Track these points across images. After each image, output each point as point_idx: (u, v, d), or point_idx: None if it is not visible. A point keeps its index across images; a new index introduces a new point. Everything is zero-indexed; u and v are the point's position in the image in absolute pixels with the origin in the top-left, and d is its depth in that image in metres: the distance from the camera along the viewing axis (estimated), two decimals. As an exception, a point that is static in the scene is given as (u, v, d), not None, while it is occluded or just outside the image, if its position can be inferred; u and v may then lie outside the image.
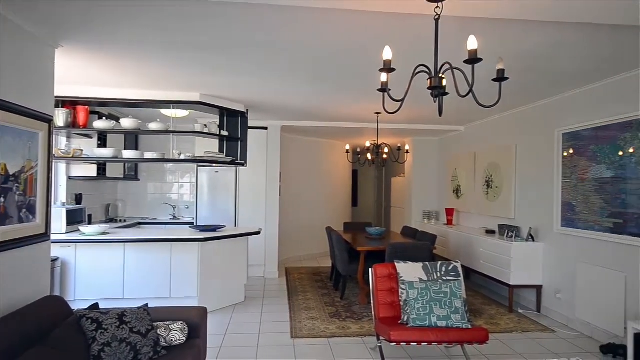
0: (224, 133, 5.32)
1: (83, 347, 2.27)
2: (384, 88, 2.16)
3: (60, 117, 4.41)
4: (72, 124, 4.60)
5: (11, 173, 2.54)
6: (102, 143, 5.43)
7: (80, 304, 3.90)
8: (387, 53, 2.07)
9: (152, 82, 4.27)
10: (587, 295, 4.08)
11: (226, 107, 5.07)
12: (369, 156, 6.41)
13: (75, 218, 4.67)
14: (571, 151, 4.39)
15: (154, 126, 4.75)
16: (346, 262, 5.24)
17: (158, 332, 2.58)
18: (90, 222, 5.42)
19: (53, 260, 4.06)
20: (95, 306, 2.66)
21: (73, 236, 4.36)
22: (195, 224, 6.18)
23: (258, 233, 5.32)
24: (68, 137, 5.15)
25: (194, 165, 6.40)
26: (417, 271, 3.54)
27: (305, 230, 8.15)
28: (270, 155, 6.65)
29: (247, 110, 5.49)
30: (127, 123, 4.71)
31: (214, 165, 5.78)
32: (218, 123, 5.35)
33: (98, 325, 2.35)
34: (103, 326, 2.36)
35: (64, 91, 4.39)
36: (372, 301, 3.56)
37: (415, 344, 3.06)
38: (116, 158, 4.76)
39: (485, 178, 6.14)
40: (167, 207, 6.85)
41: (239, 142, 5.51)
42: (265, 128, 6.63)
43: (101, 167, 5.51)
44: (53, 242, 3.27)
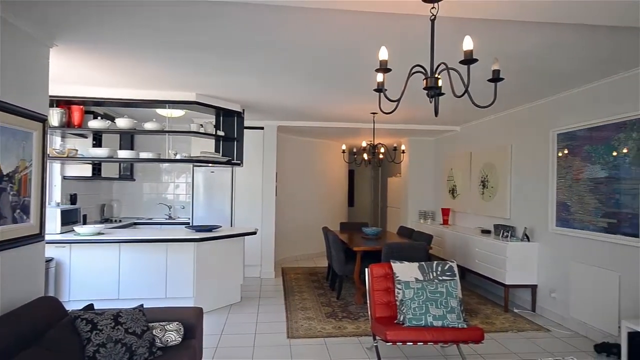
0: (220, 133, 5.31)
1: (78, 348, 2.25)
2: (380, 88, 2.16)
3: (54, 117, 4.38)
4: (67, 124, 4.57)
5: (5, 173, 2.52)
6: (97, 143, 5.40)
7: (75, 305, 3.88)
8: (383, 53, 2.08)
9: (148, 82, 4.25)
10: (582, 294, 4.11)
11: (222, 107, 5.06)
12: (365, 156, 6.42)
13: (70, 218, 4.65)
14: (566, 151, 4.42)
15: (150, 126, 4.73)
16: (342, 262, 5.24)
17: (153, 333, 2.57)
18: (85, 223, 5.40)
19: (47, 260, 4.03)
20: (90, 307, 2.65)
21: (68, 236, 4.34)
22: (191, 224, 6.17)
23: (254, 233, 5.32)
24: (63, 137, 5.12)
25: (190, 165, 6.38)
26: (413, 271, 3.55)
27: (301, 230, 8.15)
28: (266, 155, 6.64)
29: (243, 110, 5.48)
30: (123, 123, 4.69)
31: (210, 165, 5.76)
32: (214, 123, 5.34)
33: (93, 326, 2.34)
34: (98, 327, 2.34)
35: (59, 90, 4.36)
36: (368, 301, 3.56)
37: (411, 344, 3.06)
38: (111, 158, 4.74)
39: (480, 178, 6.16)
40: (163, 207, 6.82)
41: (235, 142, 5.50)
42: (261, 128, 6.63)
43: (96, 167, 5.49)
44: (47, 243, 3.25)
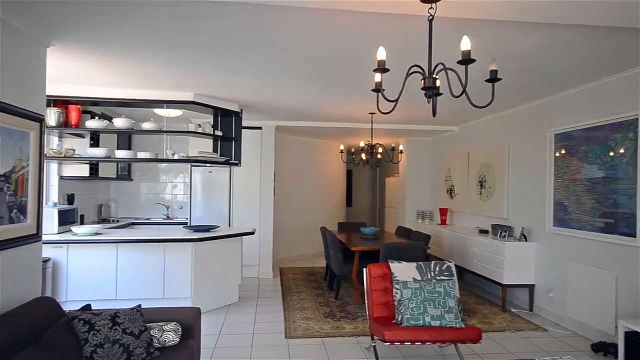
0: (218, 133, 5.30)
1: (75, 349, 2.25)
2: (378, 88, 2.16)
3: (51, 117, 4.37)
4: (64, 124, 4.56)
5: (2, 173, 2.51)
6: (95, 143, 5.39)
7: (72, 305, 3.87)
8: (381, 53, 2.08)
9: (145, 82, 4.24)
10: (579, 294, 4.12)
11: (220, 107, 5.06)
12: (363, 156, 6.43)
13: (67, 218, 4.63)
14: (563, 151, 4.43)
15: (147, 126, 4.72)
16: (340, 262, 5.24)
17: (151, 333, 2.57)
18: (82, 223, 5.38)
19: (44, 260, 4.02)
20: (87, 307, 2.64)
21: (65, 236, 4.32)
22: (188, 224, 6.15)
23: (252, 233, 5.31)
24: (60, 137, 5.10)
25: (188, 165, 6.37)
26: (411, 271, 3.55)
27: (299, 230, 8.14)
28: (264, 155, 6.64)
29: (241, 110, 5.47)
30: (120, 123, 4.68)
31: (208, 165, 5.75)
32: (212, 123, 5.33)
33: (90, 326, 2.33)
34: (95, 327, 2.34)
35: (56, 90, 4.35)
36: (366, 301, 3.57)
37: (409, 344, 3.07)
38: (109, 158, 4.73)
39: (478, 178, 6.18)
40: (161, 207, 6.81)
41: (233, 142, 5.49)
42: (259, 128, 6.62)
43: (94, 167, 5.47)
44: (44, 243, 3.24)
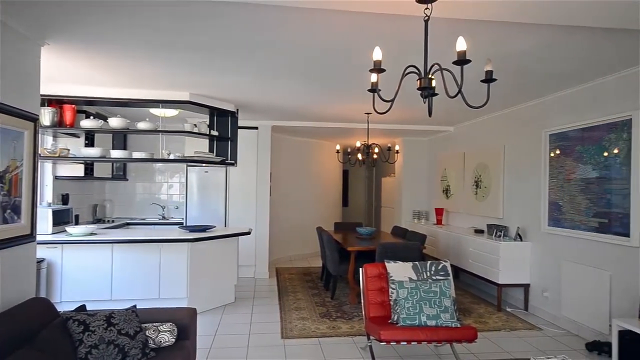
0: (214, 133, 5.29)
1: (70, 350, 2.23)
2: (374, 88, 2.17)
3: (46, 116, 4.34)
4: (59, 123, 4.53)
5: (-5, 173, 2.49)
6: (90, 142, 5.36)
7: (66, 306, 3.84)
8: (377, 53, 2.08)
9: (141, 81, 4.22)
10: (573, 293, 4.15)
11: (216, 107, 5.04)
12: (360, 156, 6.43)
13: (61, 218, 4.60)
14: (558, 152, 4.46)
15: (143, 125, 4.70)
16: (336, 262, 5.24)
17: (146, 334, 2.56)
18: (77, 223, 5.35)
19: (39, 261, 3.99)
20: (82, 308, 2.63)
21: (59, 237, 4.30)
22: (184, 224, 6.14)
23: (248, 233, 5.30)
24: (54, 137, 5.07)
25: (184, 165, 6.35)
26: (407, 271, 3.56)
27: (295, 230, 8.14)
28: (260, 155, 6.63)
29: (238, 110, 5.46)
30: (115, 122, 4.65)
31: (204, 165, 5.73)
32: (208, 123, 5.32)
33: (85, 327, 2.32)
34: (90, 328, 2.32)
35: (50, 89, 4.32)
36: (363, 301, 3.57)
37: (405, 343, 3.07)
38: (104, 158, 4.70)
39: (474, 178, 6.20)
40: (156, 208, 6.78)
41: (229, 142, 5.48)
42: (255, 128, 6.61)
43: (88, 167, 5.44)
44: (39, 243, 3.22)
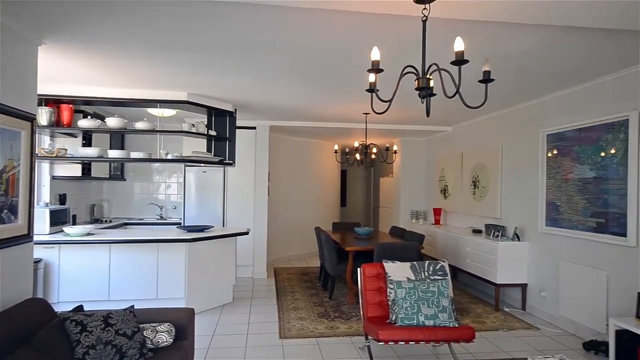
0: (212, 133, 5.28)
1: (67, 350, 2.23)
2: (372, 88, 2.17)
3: (43, 116, 4.33)
4: (56, 123, 4.51)
5: (-8, 173, 2.48)
6: (87, 142, 5.34)
7: (64, 306, 3.83)
8: (375, 54, 2.08)
9: (139, 81, 4.21)
10: (571, 293, 4.16)
11: (214, 107, 5.04)
12: (358, 156, 6.43)
13: (59, 218, 4.59)
14: (555, 152, 4.47)
15: (141, 125, 4.69)
16: (335, 262, 5.24)
17: (144, 334, 2.55)
18: (74, 223, 5.33)
19: (36, 261, 3.98)
20: (79, 308, 2.62)
21: (57, 237, 4.28)
22: (182, 225, 6.13)
23: (246, 233, 5.30)
24: (52, 136, 5.05)
25: (182, 165, 6.34)
26: (405, 271, 3.56)
27: (294, 230, 8.14)
28: (258, 155, 6.62)
29: (236, 109, 5.46)
30: (113, 122, 4.64)
31: (202, 165, 5.73)
32: (206, 122, 5.31)
33: (82, 327, 2.31)
34: (87, 328, 2.32)
35: (48, 89, 4.31)
36: (361, 301, 3.57)
37: (403, 343, 3.08)
38: (101, 158, 4.69)
39: (472, 178, 6.21)
40: (154, 208, 6.77)
41: (227, 142, 5.47)
42: (253, 128, 6.61)
43: (86, 167, 5.42)
44: (36, 243, 3.21)
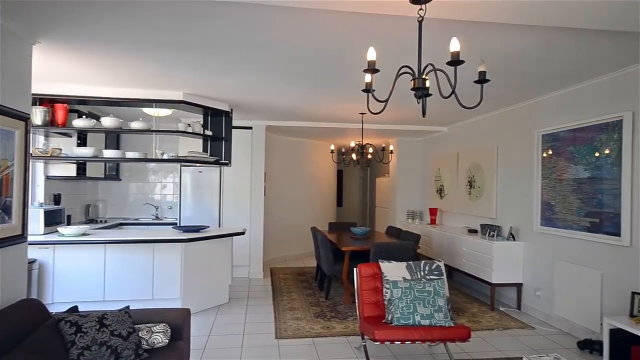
0: (208, 132, 5.27)
1: (62, 351, 2.21)
2: (368, 88, 2.17)
3: (37, 115, 4.29)
4: (50, 123, 4.48)
5: (-14, 173, 2.46)
6: (82, 142, 5.31)
7: (58, 307, 3.81)
8: (371, 54, 2.08)
9: (134, 81, 4.20)
10: (565, 292, 4.18)
11: (210, 107, 5.02)
12: (354, 156, 6.45)
13: (53, 219, 4.56)
14: (550, 152, 4.50)
15: (136, 125, 4.67)
16: (331, 262, 5.25)
17: (140, 335, 2.54)
18: (69, 223, 5.30)
19: (30, 262, 3.95)
20: (74, 309, 2.60)
21: (51, 237, 4.25)
22: (178, 225, 6.11)
23: (242, 233, 5.29)
24: (46, 136, 5.02)
25: (177, 165, 6.32)
26: (401, 270, 3.57)
27: (290, 230, 8.13)
28: (254, 155, 6.61)
29: (232, 109, 5.44)
30: (108, 122, 4.62)
31: (198, 165, 5.71)
32: (202, 122, 5.29)
33: (77, 328, 2.30)
34: (82, 329, 2.30)
35: (42, 88, 4.28)
36: (357, 301, 3.58)
37: (399, 343, 3.08)
38: (96, 157, 4.66)
39: (467, 178, 6.23)
40: (150, 208, 6.74)
41: (223, 142, 5.46)
42: (249, 128, 6.60)
43: (81, 167, 5.39)
44: (30, 244, 3.18)
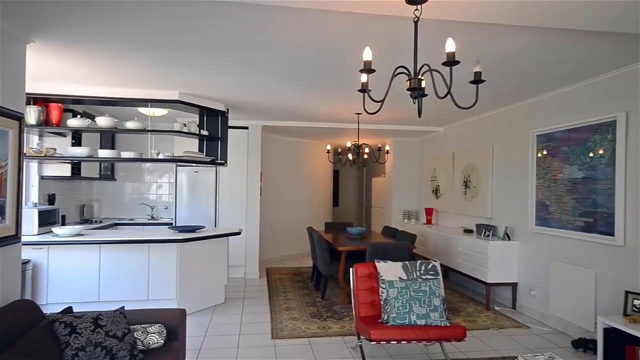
0: (204, 132, 5.25)
1: (56, 352, 2.20)
2: (364, 89, 2.18)
3: (31, 115, 4.27)
4: (45, 122, 4.45)
5: (-21, 172, 2.44)
6: (77, 142, 5.28)
7: (52, 308, 3.79)
8: (367, 54, 2.09)
9: (130, 80, 4.18)
10: (560, 292, 4.21)
11: (206, 106, 5.01)
12: (350, 156, 6.45)
13: (47, 219, 4.53)
14: (545, 152, 4.52)
15: (131, 125, 4.64)
16: (327, 262, 5.25)
17: (135, 336, 2.53)
18: (63, 223, 5.27)
19: (24, 262, 3.92)
20: (68, 310, 2.59)
21: (45, 238, 4.22)
22: (174, 225, 6.09)
23: (238, 233, 5.28)
24: (40, 136, 4.99)
25: (173, 165, 6.29)
26: (397, 270, 3.58)
27: (286, 230, 8.13)
28: (251, 155, 6.60)
29: (228, 109, 5.43)
30: (103, 121, 4.59)
31: (194, 165, 5.69)
32: (198, 122, 5.28)
33: (72, 329, 2.29)
34: (77, 330, 2.29)
35: (36, 88, 4.25)
36: (353, 300, 3.58)
37: (395, 343, 3.09)
38: (91, 157, 4.63)
39: (463, 178, 6.26)
40: (145, 208, 6.71)
41: (219, 142, 5.45)
42: (245, 128, 6.59)
43: (76, 167, 5.36)
44: (24, 244, 3.16)
